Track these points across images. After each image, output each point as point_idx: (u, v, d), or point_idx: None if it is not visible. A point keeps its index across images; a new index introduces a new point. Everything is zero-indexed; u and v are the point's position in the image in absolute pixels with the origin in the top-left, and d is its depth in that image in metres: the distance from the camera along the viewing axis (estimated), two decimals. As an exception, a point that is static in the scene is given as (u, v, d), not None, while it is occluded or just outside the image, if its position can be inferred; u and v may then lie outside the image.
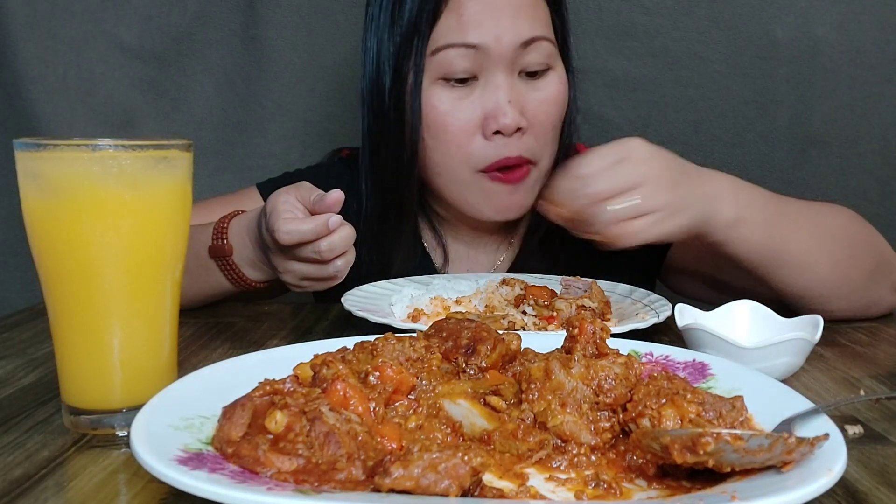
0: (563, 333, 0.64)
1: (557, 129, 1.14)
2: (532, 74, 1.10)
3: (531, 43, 1.07)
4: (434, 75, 1.08)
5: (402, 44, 1.08)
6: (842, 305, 0.99)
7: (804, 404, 0.57)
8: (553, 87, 1.11)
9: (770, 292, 0.98)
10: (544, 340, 0.71)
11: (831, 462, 0.46)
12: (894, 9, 1.61)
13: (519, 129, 1.07)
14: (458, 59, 1.06)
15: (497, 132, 1.07)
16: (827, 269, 0.97)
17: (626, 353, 0.62)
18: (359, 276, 1.01)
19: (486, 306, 0.96)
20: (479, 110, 1.07)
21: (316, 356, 0.61)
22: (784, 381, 0.72)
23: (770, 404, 0.57)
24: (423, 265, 1.23)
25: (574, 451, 0.54)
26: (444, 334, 0.67)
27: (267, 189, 1.26)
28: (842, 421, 0.63)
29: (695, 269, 1.18)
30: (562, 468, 0.53)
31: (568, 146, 1.19)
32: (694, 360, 0.69)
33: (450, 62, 1.06)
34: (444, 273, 1.22)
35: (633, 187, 0.87)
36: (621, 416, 0.57)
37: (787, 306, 0.97)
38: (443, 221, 1.25)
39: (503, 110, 1.05)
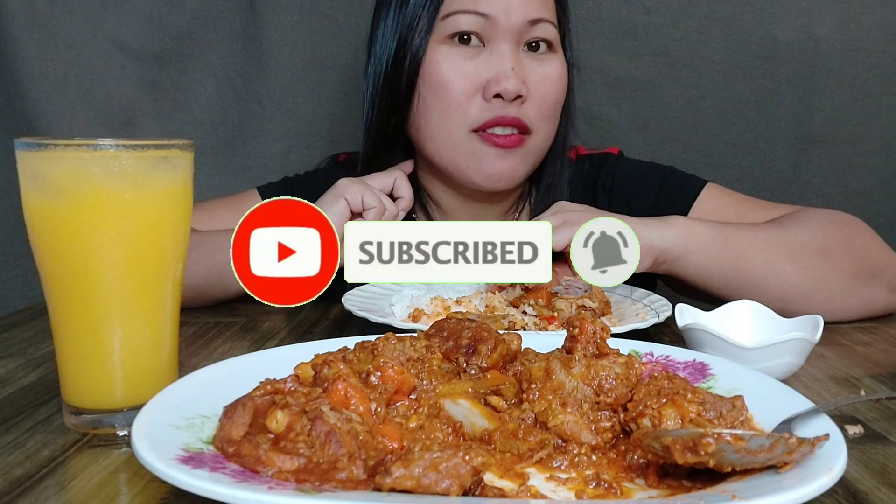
0: (564, 333, 0.64)
1: (556, 109, 1.17)
2: (536, 49, 1.14)
3: (538, 22, 1.12)
4: (442, 36, 1.12)
5: (413, 9, 1.13)
6: (828, 308, 0.98)
7: (804, 404, 0.57)
8: (556, 66, 1.16)
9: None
10: (545, 340, 0.71)
11: (831, 462, 0.46)
12: (894, 9, 1.61)
13: (519, 97, 1.11)
14: (467, 22, 1.11)
15: (497, 96, 1.10)
16: (793, 279, 0.98)
17: (626, 353, 0.62)
18: None
19: (486, 306, 0.96)
20: (483, 74, 1.12)
21: (317, 356, 0.61)
22: (784, 381, 0.72)
23: (770, 404, 0.57)
24: None
25: (575, 451, 0.54)
26: (445, 334, 0.67)
27: (267, 192, 1.27)
28: (842, 421, 0.63)
29: None
30: (562, 468, 0.53)
31: (566, 137, 1.22)
32: (694, 360, 0.69)
33: (459, 24, 1.11)
34: None
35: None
36: (622, 415, 0.57)
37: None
38: (437, 210, 1.27)
39: (506, 75, 1.10)
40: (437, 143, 1.16)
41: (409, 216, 1.25)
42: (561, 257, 0.91)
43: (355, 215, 1.05)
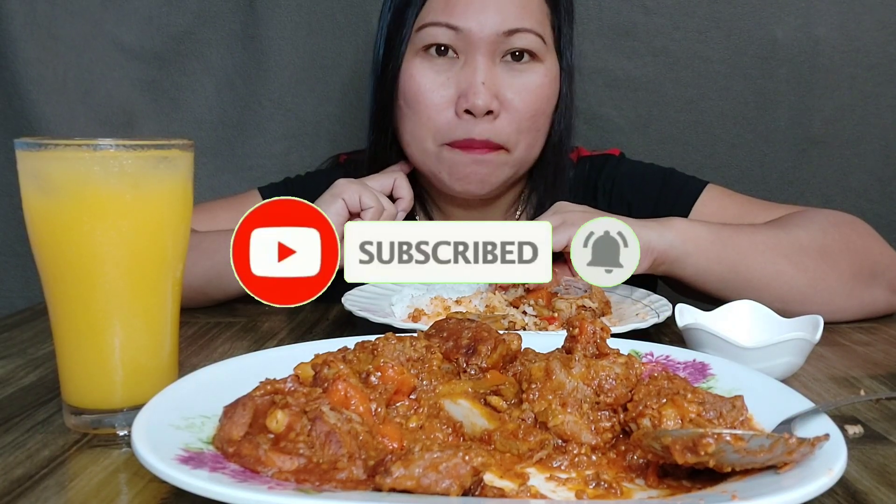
0: (564, 333, 0.64)
1: (537, 120, 1.14)
2: (518, 59, 1.11)
3: (515, 33, 1.09)
4: (417, 47, 1.11)
5: (394, 16, 1.13)
6: (828, 309, 0.98)
7: (804, 404, 0.57)
8: (535, 77, 1.12)
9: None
10: (545, 340, 0.71)
11: (831, 462, 0.46)
12: (894, 9, 1.61)
13: (490, 113, 1.09)
14: (440, 35, 1.09)
15: (467, 111, 1.09)
16: (793, 280, 0.98)
17: (626, 353, 0.62)
18: None
19: (486, 306, 0.96)
20: (454, 87, 1.10)
21: (317, 356, 0.61)
22: (784, 381, 0.72)
23: (770, 404, 0.57)
24: None
25: (575, 451, 0.54)
26: (445, 334, 0.67)
27: (268, 192, 1.27)
28: (842, 421, 0.63)
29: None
30: (562, 468, 0.53)
31: (560, 144, 1.20)
32: (694, 360, 0.69)
33: (433, 37, 1.10)
34: None
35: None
36: (622, 415, 0.57)
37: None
38: (437, 213, 1.27)
39: (475, 90, 1.07)
40: (413, 150, 1.16)
41: (411, 218, 1.25)
42: (560, 258, 0.92)
43: (353, 215, 1.05)
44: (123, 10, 1.63)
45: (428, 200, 1.26)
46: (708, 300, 1.04)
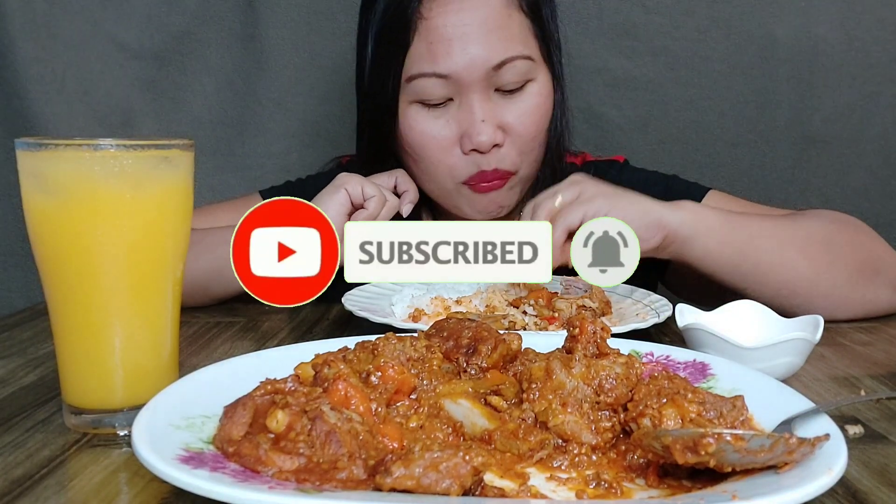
0: (564, 333, 0.64)
1: (539, 138, 1.16)
2: (509, 90, 1.11)
3: (504, 65, 1.08)
4: (410, 98, 1.11)
5: (379, 62, 1.13)
6: (831, 300, 0.99)
7: (804, 404, 0.57)
8: (531, 100, 1.12)
9: (750, 297, 0.99)
10: (545, 340, 0.71)
11: (832, 462, 0.46)
12: (894, 8, 1.61)
13: (495, 146, 1.10)
14: (431, 87, 1.09)
15: (474, 149, 1.10)
16: (799, 267, 0.99)
17: (626, 353, 0.62)
18: None
19: (486, 306, 0.96)
20: (456, 128, 1.11)
21: (317, 356, 0.61)
22: (784, 381, 0.72)
23: (770, 404, 0.57)
24: None
25: (575, 451, 0.54)
26: (445, 334, 0.67)
27: (269, 195, 1.27)
28: (842, 421, 0.63)
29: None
30: (563, 468, 0.53)
31: (558, 151, 1.21)
32: (694, 360, 0.69)
33: (423, 89, 1.09)
34: None
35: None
36: (622, 415, 0.57)
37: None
38: (440, 217, 1.27)
39: (477, 129, 1.08)
40: (430, 188, 1.18)
41: (417, 218, 1.25)
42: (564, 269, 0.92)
43: (356, 207, 1.05)
44: (123, 10, 1.63)
45: (434, 202, 1.27)
46: (708, 294, 1.04)
